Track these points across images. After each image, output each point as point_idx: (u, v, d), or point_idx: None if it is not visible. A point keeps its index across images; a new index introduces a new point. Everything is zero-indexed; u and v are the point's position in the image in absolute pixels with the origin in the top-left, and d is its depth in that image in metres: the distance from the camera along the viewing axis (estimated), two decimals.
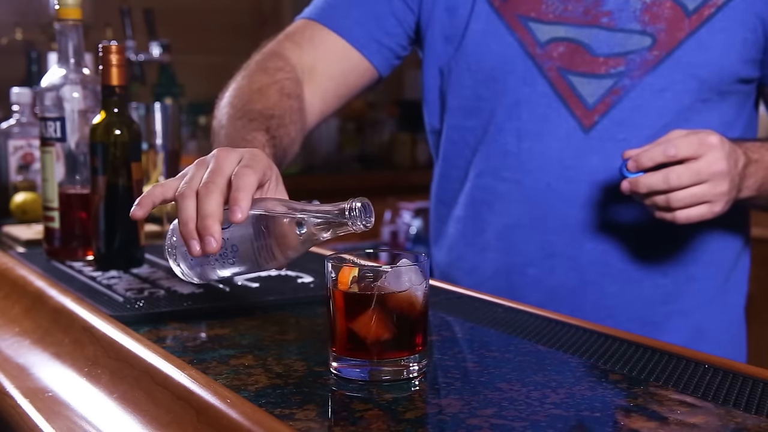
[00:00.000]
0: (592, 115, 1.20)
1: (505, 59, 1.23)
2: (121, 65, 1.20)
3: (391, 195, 3.62)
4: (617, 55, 1.18)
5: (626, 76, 1.18)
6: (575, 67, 1.20)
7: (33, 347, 1.01)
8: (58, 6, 1.30)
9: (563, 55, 1.20)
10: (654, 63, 1.17)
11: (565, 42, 1.20)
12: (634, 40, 1.18)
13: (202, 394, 0.72)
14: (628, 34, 1.18)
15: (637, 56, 1.18)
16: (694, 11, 1.17)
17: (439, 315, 1.02)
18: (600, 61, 1.19)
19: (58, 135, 1.31)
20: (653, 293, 1.24)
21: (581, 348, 0.88)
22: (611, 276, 1.23)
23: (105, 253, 1.22)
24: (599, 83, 1.19)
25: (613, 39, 1.18)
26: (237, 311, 1.03)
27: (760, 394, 0.74)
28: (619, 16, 1.18)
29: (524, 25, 1.21)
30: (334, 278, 0.78)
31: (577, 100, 1.20)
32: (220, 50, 3.93)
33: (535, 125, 1.23)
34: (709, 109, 1.19)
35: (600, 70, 1.19)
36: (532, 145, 1.23)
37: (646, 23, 1.18)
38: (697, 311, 1.27)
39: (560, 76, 1.21)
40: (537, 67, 1.21)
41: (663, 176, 1.05)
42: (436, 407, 0.72)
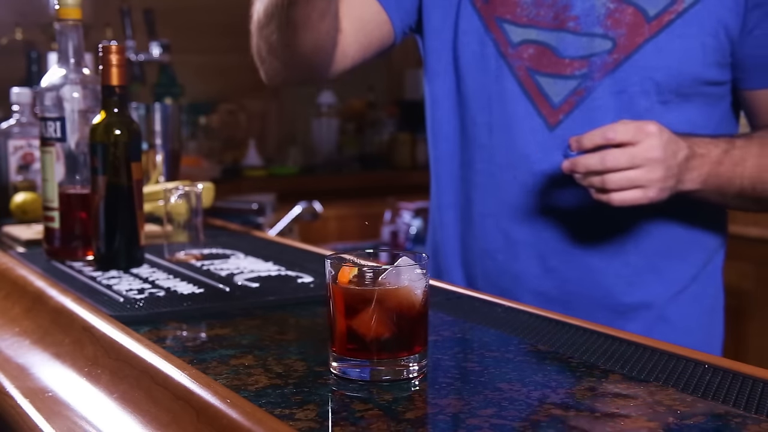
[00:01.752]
0: (557, 113, 1.25)
1: (480, 56, 1.30)
2: (121, 65, 1.20)
3: (391, 195, 3.62)
4: (581, 57, 1.24)
5: (589, 78, 1.24)
6: (543, 68, 1.26)
7: (33, 347, 1.01)
8: (58, 6, 1.30)
9: (532, 56, 1.26)
10: (613, 66, 1.23)
11: (535, 44, 1.26)
12: (596, 44, 1.23)
13: (202, 394, 0.72)
14: (591, 38, 1.23)
15: (599, 59, 1.23)
16: (654, 17, 1.21)
17: (439, 315, 1.02)
18: (566, 62, 1.25)
19: (58, 135, 1.31)
20: (615, 282, 1.28)
21: (581, 348, 0.88)
22: (572, 263, 1.28)
23: (105, 253, 1.22)
24: (564, 84, 1.25)
25: (578, 42, 1.24)
26: (237, 311, 1.03)
27: (760, 394, 0.74)
28: (584, 21, 1.24)
29: (500, 26, 1.28)
30: (334, 277, 0.78)
31: (543, 99, 1.26)
32: (220, 50, 3.93)
33: (504, 121, 1.29)
34: (670, 110, 1.23)
35: (565, 72, 1.25)
36: (501, 139, 1.30)
37: (609, 28, 1.23)
38: (660, 302, 1.30)
39: (529, 76, 1.27)
40: (508, 66, 1.28)
41: (600, 157, 1.11)
42: (436, 407, 0.72)
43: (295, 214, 2.38)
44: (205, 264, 1.28)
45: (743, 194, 1.21)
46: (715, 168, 1.17)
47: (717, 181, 1.18)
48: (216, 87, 3.93)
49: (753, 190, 1.20)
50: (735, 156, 1.18)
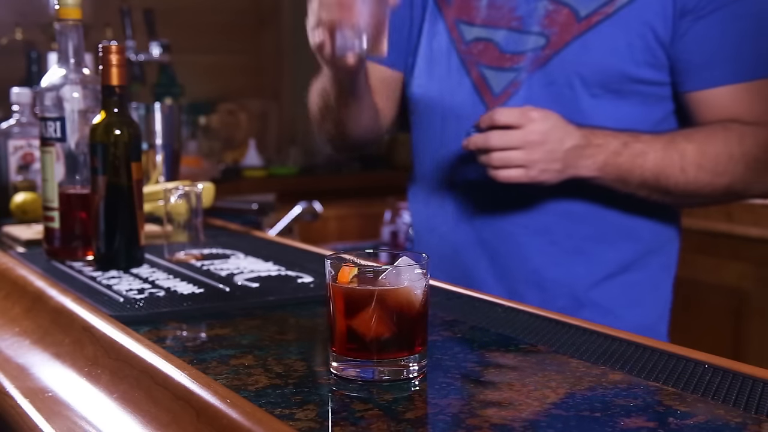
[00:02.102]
0: (497, 102, 1.37)
1: (440, 53, 1.43)
2: (121, 65, 1.20)
3: (391, 195, 3.61)
4: (519, 52, 1.36)
5: (523, 71, 1.35)
6: (488, 62, 1.39)
7: (33, 347, 1.01)
8: (58, 6, 1.30)
9: (481, 52, 1.39)
10: (544, 60, 1.34)
11: (484, 41, 1.39)
12: (532, 41, 1.35)
13: (202, 394, 0.72)
14: (528, 35, 1.35)
15: (533, 54, 1.35)
16: (585, 18, 1.32)
17: (439, 315, 1.02)
18: (506, 57, 1.37)
19: (58, 135, 1.31)
20: (541, 259, 1.37)
21: (581, 348, 0.88)
22: (502, 237, 1.39)
23: (105, 253, 1.22)
24: (504, 75, 1.37)
25: (519, 39, 1.36)
26: (237, 311, 1.03)
27: (760, 394, 0.74)
28: (526, 21, 1.36)
29: (457, 26, 1.42)
30: (334, 277, 0.78)
31: (487, 89, 1.39)
32: (220, 50, 3.93)
33: (455, 109, 1.41)
34: (602, 104, 1.32)
35: (505, 65, 1.37)
36: (453, 126, 1.41)
37: (545, 27, 1.34)
38: (583, 285, 1.37)
39: (477, 70, 1.39)
40: (461, 61, 1.41)
41: (485, 137, 1.26)
42: (436, 407, 0.72)
43: (295, 214, 2.38)
44: (205, 264, 1.28)
45: (647, 185, 1.29)
46: (612, 158, 1.27)
47: (616, 170, 1.27)
48: (216, 87, 3.93)
49: (657, 182, 1.28)
50: (636, 148, 1.27)
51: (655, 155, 1.28)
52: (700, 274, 2.24)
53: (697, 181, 1.28)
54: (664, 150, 1.28)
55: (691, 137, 1.29)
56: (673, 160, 1.28)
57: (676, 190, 1.29)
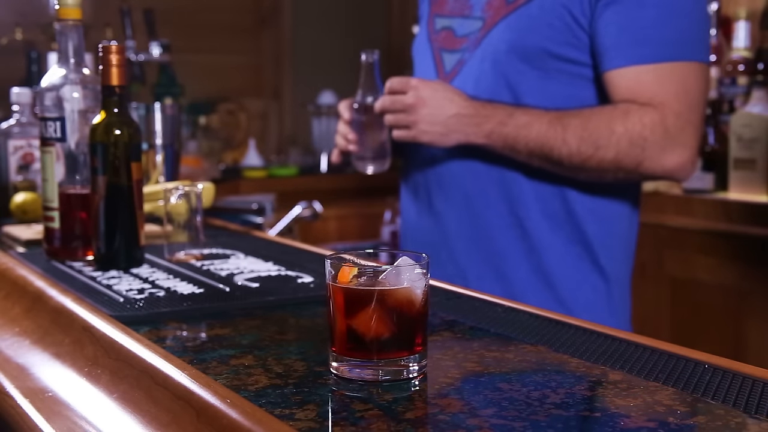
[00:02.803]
0: (447, 78, 1.54)
1: (419, 44, 1.65)
2: (121, 65, 1.20)
3: (391, 195, 3.61)
4: (465, 35, 1.54)
5: (467, 51, 1.52)
6: (446, 45, 1.57)
7: (33, 347, 1.01)
8: (58, 6, 1.30)
9: (444, 38, 1.58)
10: (480, 40, 1.50)
11: (446, 30, 1.58)
12: (475, 25, 1.52)
13: (202, 394, 0.72)
14: (472, 20, 1.53)
15: (473, 36, 1.52)
16: (512, 2, 1.47)
17: (439, 315, 1.02)
18: (457, 40, 1.55)
19: (58, 135, 1.31)
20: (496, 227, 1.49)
21: (581, 348, 0.88)
22: (458, 207, 1.52)
23: (105, 253, 1.22)
24: (453, 56, 1.55)
25: (466, 24, 1.54)
26: (237, 311, 1.03)
27: (760, 394, 0.74)
28: (473, 9, 1.54)
29: (433, 20, 1.63)
30: (334, 277, 0.78)
31: (442, 69, 1.57)
32: (220, 50, 3.93)
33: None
34: (528, 80, 1.44)
35: (456, 47, 1.55)
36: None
37: (484, 12, 1.51)
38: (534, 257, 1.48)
39: (439, 54, 1.58)
40: (430, 47, 1.61)
41: (380, 101, 1.46)
42: (436, 407, 0.72)
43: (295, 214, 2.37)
44: (205, 264, 1.28)
45: (535, 154, 1.41)
46: (498, 128, 1.41)
47: (502, 139, 1.41)
48: (216, 87, 3.93)
49: (542, 151, 1.40)
50: (521, 120, 1.40)
51: (540, 127, 1.39)
52: (700, 274, 2.24)
53: (580, 153, 1.38)
54: (549, 123, 1.39)
55: (579, 114, 1.40)
56: (556, 132, 1.39)
57: (562, 160, 1.40)
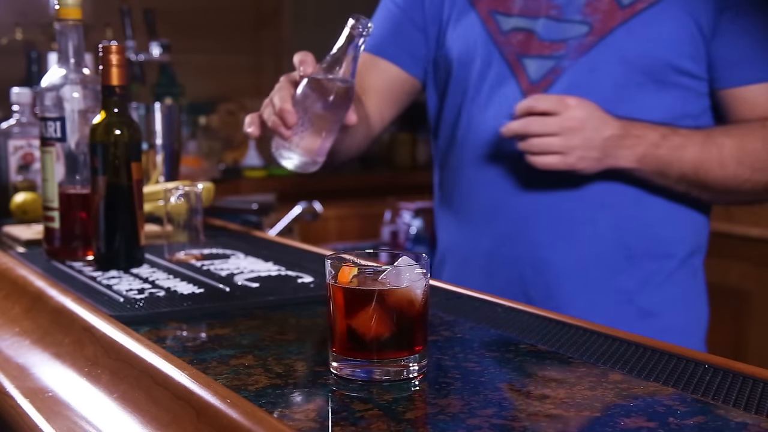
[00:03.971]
0: (536, 89, 1.36)
1: (475, 45, 1.42)
2: (121, 65, 1.20)
3: (391, 195, 3.62)
4: (560, 40, 1.36)
5: (565, 58, 1.35)
6: (528, 51, 1.38)
7: (33, 347, 1.01)
8: (58, 6, 1.30)
9: (520, 42, 1.38)
10: (588, 47, 1.34)
11: (523, 31, 1.39)
12: (574, 29, 1.35)
13: (202, 394, 0.72)
14: (570, 24, 1.36)
15: (575, 41, 1.35)
16: (628, 5, 1.33)
17: (439, 315, 1.02)
18: (546, 45, 1.37)
19: (58, 135, 1.31)
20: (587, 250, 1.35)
21: (581, 348, 0.88)
22: (548, 228, 1.36)
23: (105, 253, 1.22)
24: (543, 63, 1.36)
25: (558, 28, 1.36)
26: (237, 311, 1.03)
27: (760, 394, 0.74)
28: (565, 10, 1.36)
29: (492, 17, 1.41)
30: (334, 277, 0.78)
31: (526, 78, 1.38)
32: (220, 50, 3.93)
33: (494, 99, 1.40)
34: (645, 93, 1.32)
35: (545, 53, 1.36)
36: (492, 116, 1.39)
37: (587, 15, 1.35)
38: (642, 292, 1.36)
39: (516, 59, 1.39)
40: (499, 51, 1.40)
41: (523, 122, 1.26)
42: (436, 407, 0.72)
43: (295, 214, 2.38)
44: (205, 264, 1.28)
45: (686, 179, 1.29)
46: (651, 150, 1.27)
47: (655, 162, 1.28)
48: (216, 87, 3.92)
49: (696, 176, 1.28)
50: (675, 141, 1.27)
51: (694, 148, 1.27)
52: None
53: (736, 177, 1.28)
54: (703, 144, 1.27)
55: (730, 132, 1.29)
56: (711, 154, 1.27)
57: (715, 184, 1.29)
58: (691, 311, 1.41)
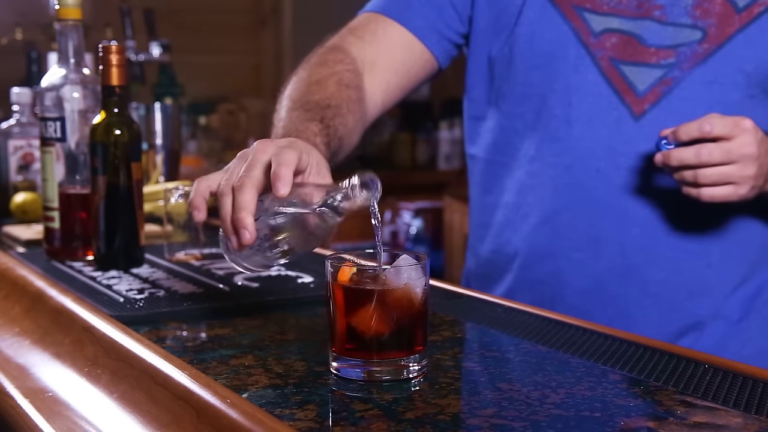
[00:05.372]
0: (642, 103, 1.21)
1: (558, 46, 1.25)
2: (121, 65, 1.20)
3: (391, 195, 3.62)
4: (668, 47, 1.20)
5: (676, 68, 1.20)
6: (627, 57, 1.22)
7: (33, 347, 1.01)
8: (58, 6, 1.30)
9: (616, 45, 1.22)
10: (704, 56, 1.19)
11: (618, 33, 1.22)
12: (684, 34, 1.20)
13: (202, 394, 0.72)
14: (679, 28, 1.20)
15: (688, 49, 1.20)
16: (744, 8, 1.19)
17: (439, 315, 1.02)
18: (651, 51, 1.21)
19: (58, 135, 1.31)
20: (697, 284, 1.23)
21: (581, 348, 0.88)
22: (657, 263, 1.22)
23: (105, 253, 1.22)
24: (649, 72, 1.21)
25: (665, 32, 1.21)
26: (237, 311, 1.03)
27: (760, 394, 0.74)
28: (670, 11, 1.21)
29: (579, 14, 1.24)
30: (334, 276, 0.78)
31: (627, 87, 1.22)
32: (220, 50, 3.93)
33: (585, 111, 1.24)
34: (756, 106, 1.19)
35: (651, 60, 1.21)
36: (582, 131, 1.24)
37: (697, 18, 1.20)
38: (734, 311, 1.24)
39: (612, 66, 1.23)
40: (590, 55, 1.23)
41: (695, 151, 1.08)
42: (436, 407, 0.72)
43: None
44: (205, 264, 1.28)
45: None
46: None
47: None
48: (216, 87, 3.92)
49: None
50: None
51: None
52: None
53: None
54: None
55: None
56: None
57: None
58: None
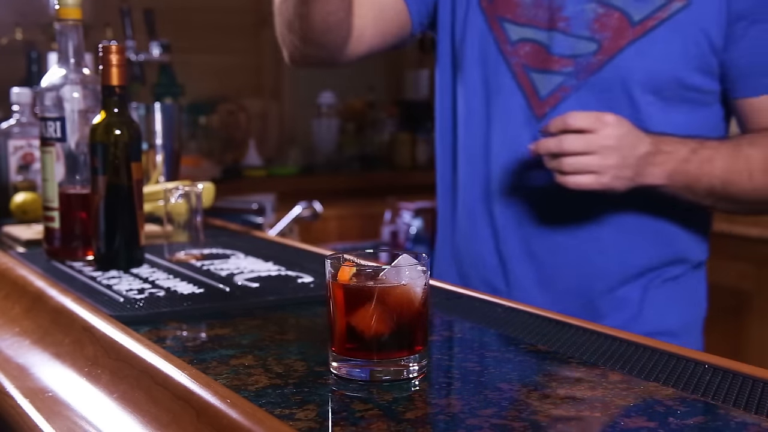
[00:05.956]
0: (543, 106, 1.33)
1: (484, 52, 1.38)
2: (121, 65, 1.20)
3: (391, 195, 3.62)
4: (568, 56, 1.32)
5: (574, 77, 1.31)
6: (537, 64, 1.34)
7: (33, 347, 1.01)
8: (58, 6, 1.30)
9: (528, 53, 1.35)
10: (597, 66, 1.30)
11: (531, 42, 1.35)
12: (582, 45, 1.31)
13: (202, 394, 0.72)
14: (578, 40, 1.31)
15: (584, 59, 1.31)
16: (638, 22, 1.28)
17: (439, 315, 1.02)
18: (555, 60, 1.32)
19: (58, 135, 1.31)
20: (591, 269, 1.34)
21: (581, 348, 0.88)
22: (554, 249, 1.35)
23: (105, 253, 1.22)
24: (551, 79, 1.33)
25: (567, 42, 1.32)
26: (237, 311, 1.03)
27: (760, 394, 0.74)
28: (574, 23, 1.31)
29: (500, 24, 1.37)
30: (334, 276, 0.78)
31: (534, 92, 1.34)
32: (220, 50, 3.93)
33: (501, 112, 1.37)
34: (653, 113, 1.29)
35: (554, 68, 1.32)
36: (497, 130, 1.38)
37: (595, 31, 1.30)
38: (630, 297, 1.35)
39: (524, 72, 1.35)
40: (506, 62, 1.36)
41: (558, 140, 1.20)
42: (436, 407, 0.72)
43: (295, 214, 2.38)
44: (205, 264, 1.28)
45: (714, 193, 1.25)
46: (681, 165, 1.23)
47: (684, 178, 1.24)
48: (216, 87, 3.93)
49: (724, 189, 1.25)
50: (703, 155, 1.24)
51: (723, 161, 1.24)
52: None
53: (764, 187, 1.25)
54: (731, 156, 1.24)
55: (755, 142, 1.26)
56: (739, 165, 1.24)
57: (743, 196, 1.26)
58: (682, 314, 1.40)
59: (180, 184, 1.42)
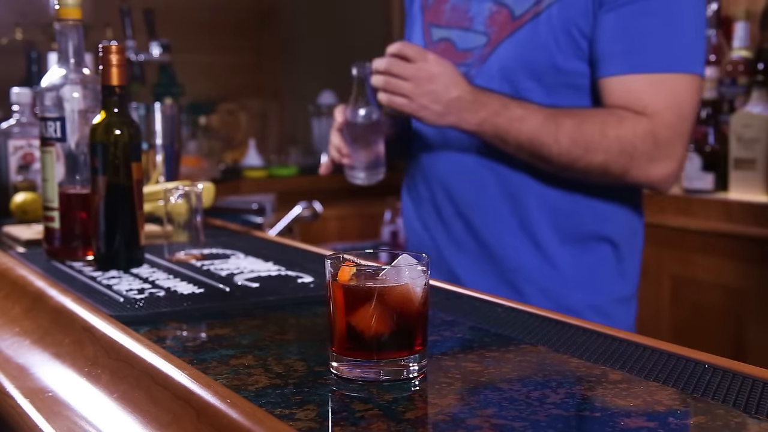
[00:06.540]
0: None
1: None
2: (121, 65, 1.20)
3: (391, 195, 3.61)
4: (467, 50, 1.50)
5: (472, 67, 1.48)
6: (447, 57, 1.48)
7: (33, 347, 1.01)
8: (58, 6, 1.30)
9: (443, 50, 1.52)
10: (485, 57, 1.47)
11: (445, 41, 1.54)
12: (477, 39, 1.49)
13: (202, 394, 0.72)
14: (475, 35, 1.50)
15: (477, 51, 1.49)
16: (518, 17, 1.45)
17: (439, 315, 1.02)
18: (459, 53, 1.51)
19: (58, 135, 1.31)
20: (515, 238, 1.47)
21: (581, 348, 0.88)
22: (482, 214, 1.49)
23: (105, 253, 1.22)
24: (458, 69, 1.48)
25: (467, 38, 1.51)
26: (237, 311, 1.03)
27: (760, 394, 0.74)
28: (474, 21, 1.50)
29: (428, 28, 1.59)
30: (334, 276, 0.78)
31: None
32: (220, 50, 3.93)
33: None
34: (536, 96, 1.42)
35: (459, 60, 1.49)
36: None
37: (487, 26, 1.48)
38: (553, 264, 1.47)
39: None
40: None
41: (386, 61, 1.39)
42: (436, 407, 0.72)
43: (295, 214, 2.37)
44: (205, 264, 1.28)
45: (524, 149, 1.40)
46: (492, 117, 1.38)
47: (493, 129, 1.39)
48: (216, 87, 3.93)
49: (531, 147, 1.39)
50: (515, 113, 1.38)
51: (533, 122, 1.37)
52: (700, 274, 2.24)
53: (569, 153, 1.37)
54: (544, 120, 1.38)
55: (574, 114, 1.39)
56: (549, 129, 1.37)
57: (550, 158, 1.39)
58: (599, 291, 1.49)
59: (180, 184, 1.42)
